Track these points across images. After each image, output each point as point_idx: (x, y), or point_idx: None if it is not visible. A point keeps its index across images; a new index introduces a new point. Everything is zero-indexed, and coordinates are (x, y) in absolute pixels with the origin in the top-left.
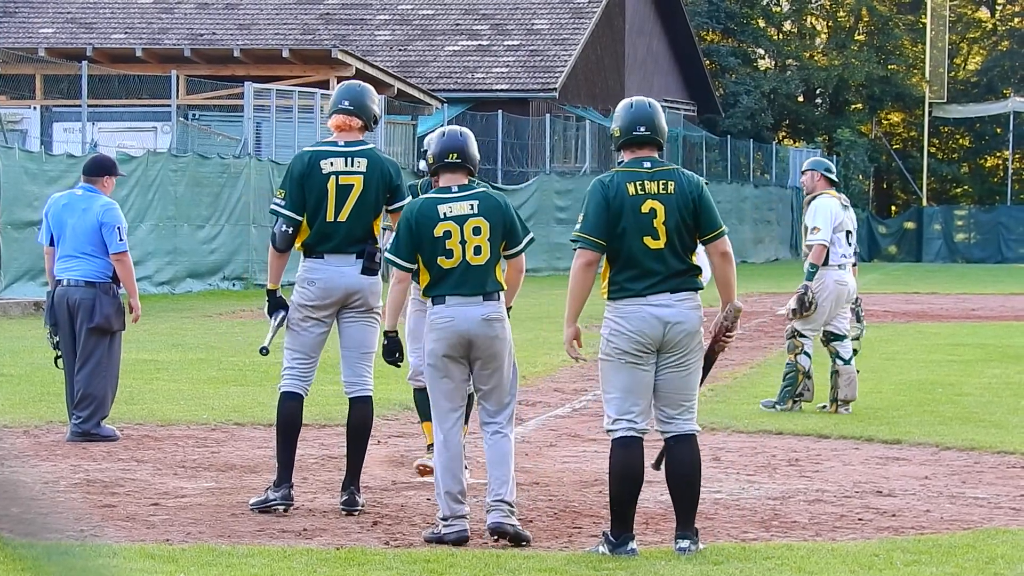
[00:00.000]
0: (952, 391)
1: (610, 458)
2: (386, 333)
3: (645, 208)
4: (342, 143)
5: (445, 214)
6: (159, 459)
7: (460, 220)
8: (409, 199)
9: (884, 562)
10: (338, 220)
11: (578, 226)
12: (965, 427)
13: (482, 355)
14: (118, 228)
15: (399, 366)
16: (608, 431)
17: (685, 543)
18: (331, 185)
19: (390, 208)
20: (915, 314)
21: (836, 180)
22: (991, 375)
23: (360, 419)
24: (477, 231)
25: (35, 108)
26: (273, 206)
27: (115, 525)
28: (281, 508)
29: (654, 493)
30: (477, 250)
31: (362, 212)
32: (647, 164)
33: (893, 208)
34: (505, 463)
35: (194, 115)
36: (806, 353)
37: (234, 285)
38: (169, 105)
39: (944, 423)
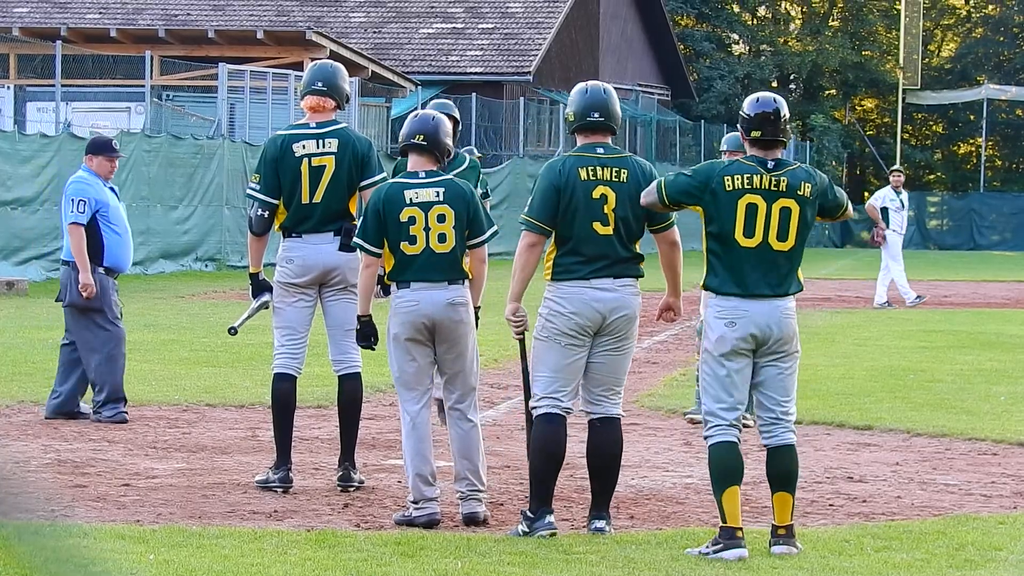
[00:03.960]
0: (924, 377)
1: (532, 434)
2: (359, 317)
3: (596, 194)
4: (314, 124)
5: (411, 199)
6: (130, 440)
7: (425, 207)
8: (382, 176)
9: (855, 548)
10: (313, 201)
11: (526, 208)
12: (936, 413)
13: (447, 339)
14: (73, 200)
15: (373, 349)
16: (532, 408)
17: (601, 523)
18: (304, 168)
19: (362, 185)
20: (887, 300)
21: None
22: (963, 362)
23: (350, 396)
24: (442, 219)
25: (9, 87)
26: (249, 191)
27: (86, 505)
28: (279, 490)
29: (625, 477)
30: (441, 237)
31: (336, 191)
32: (600, 150)
33: (866, 194)
34: (475, 451)
35: (168, 96)
36: None
37: (207, 266)
38: (143, 85)
39: (916, 409)
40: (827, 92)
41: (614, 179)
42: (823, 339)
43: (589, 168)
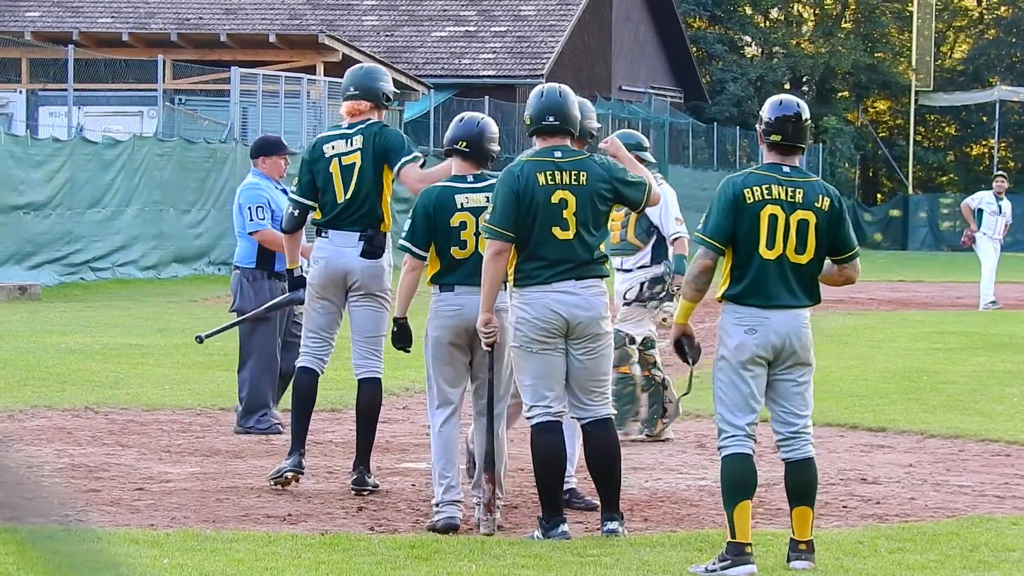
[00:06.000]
0: (937, 379)
1: (532, 445)
2: (395, 320)
3: (555, 199)
4: (346, 126)
5: (462, 204)
6: (144, 444)
7: (476, 212)
8: (415, 155)
9: (868, 549)
10: (347, 198)
11: (487, 216)
12: (950, 415)
13: (495, 341)
14: (250, 208)
15: (408, 352)
16: (527, 418)
17: (613, 524)
18: (335, 167)
19: (398, 167)
20: (900, 302)
21: (652, 160)
22: (976, 363)
23: (366, 400)
24: None
25: (21, 92)
26: (288, 192)
27: (99, 510)
28: (290, 474)
29: (639, 480)
30: None
31: (364, 186)
32: (558, 153)
33: (879, 196)
34: (500, 459)
35: (180, 100)
36: (654, 363)
37: (220, 270)
38: (155, 89)
39: (929, 411)
40: (840, 94)
41: (573, 183)
42: (836, 341)
43: (547, 173)
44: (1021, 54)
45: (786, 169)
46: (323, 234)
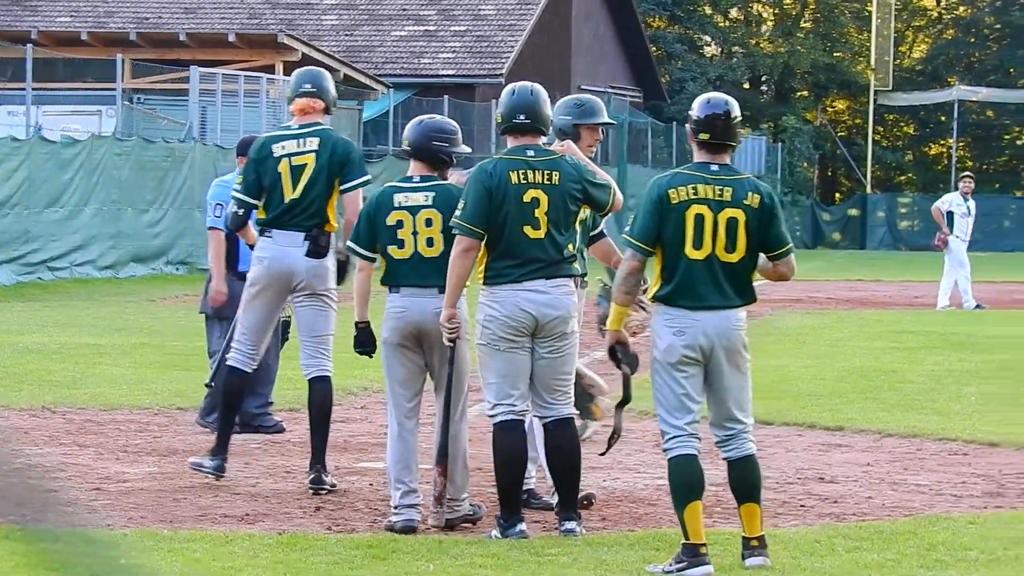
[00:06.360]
0: (895, 378)
1: (494, 443)
2: (356, 324)
3: (527, 197)
4: (297, 126)
5: (400, 203)
6: (101, 444)
7: (413, 210)
8: (365, 178)
9: (826, 548)
10: (294, 197)
11: (458, 212)
12: (907, 414)
13: (434, 345)
14: (210, 204)
15: (371, 356)
16: (489, 416)
17: (572, 524)
18: (284, 167)
19: (343, 188)
20: (858, 301)
21: None
22: (933, 362)
23: (317, 399)
24: (429, 223)
25: None
26: (232, 191)
27: (55, 510)
28: (211, 476)
29: (597, 479)
30: (429, 242)
31: (314, 189)
32: (530, 152)
33: (837, 195)
34: (457, 460)
35: (139, 99)
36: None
37: (178, 269)
38: (114, 89)
39: (887, 410)
40: (799, 94)
41: (545, 182)
42: (794, 340)
43: (520, 172)
44: (979, 54)
45: (714, 168)
46: (266, 233)
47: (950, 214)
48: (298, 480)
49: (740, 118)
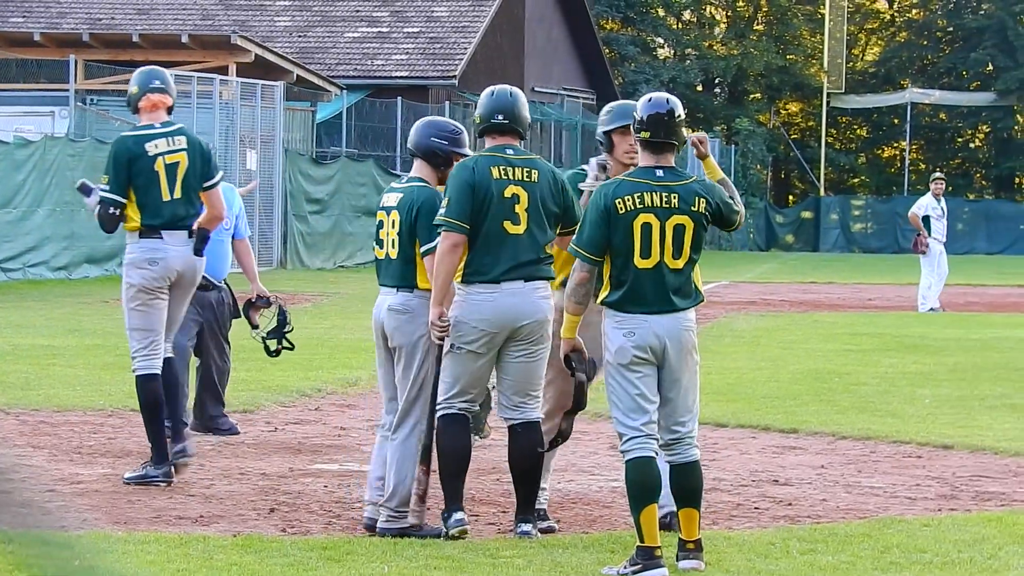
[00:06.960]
0: (848, 380)
1: (438, 435)
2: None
3: (508, 193)
4: (159, 125)
5: (382, 203)
6: (55, 445)
7: (387, 211)
8: (221, 175)
9: (780, 551)
10: (174, 198)
11: (442, 210)
12: (861, 416)
13: (394, 345)
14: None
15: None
16: (438, 406)
17: (527, 527)
18: (159, 166)
19: (206, 185)
20: (812, 303)
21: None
22: (887, 365)
23: (164, 376)
24: (394, 224)
25: None
26: (100, 192)
27: (9, 512)
28: (163, 484)
29: (552, 482)
30: (393, 243)
31: (191, 186)
32: (510, 151)
33: (791, 198)
34: (393, 466)
35: (92, 100)
36: None
37: None
38: (67, 90)
39: (840, 412)
40: (752, 96)
41: (526, 179)
42: (748, 342)
43: (501, 167)
44: (932, 56)
45: (659, 173)
46: (153, 235)
47: (926, 218)
48: (252, 482)
49: (683, 117)
